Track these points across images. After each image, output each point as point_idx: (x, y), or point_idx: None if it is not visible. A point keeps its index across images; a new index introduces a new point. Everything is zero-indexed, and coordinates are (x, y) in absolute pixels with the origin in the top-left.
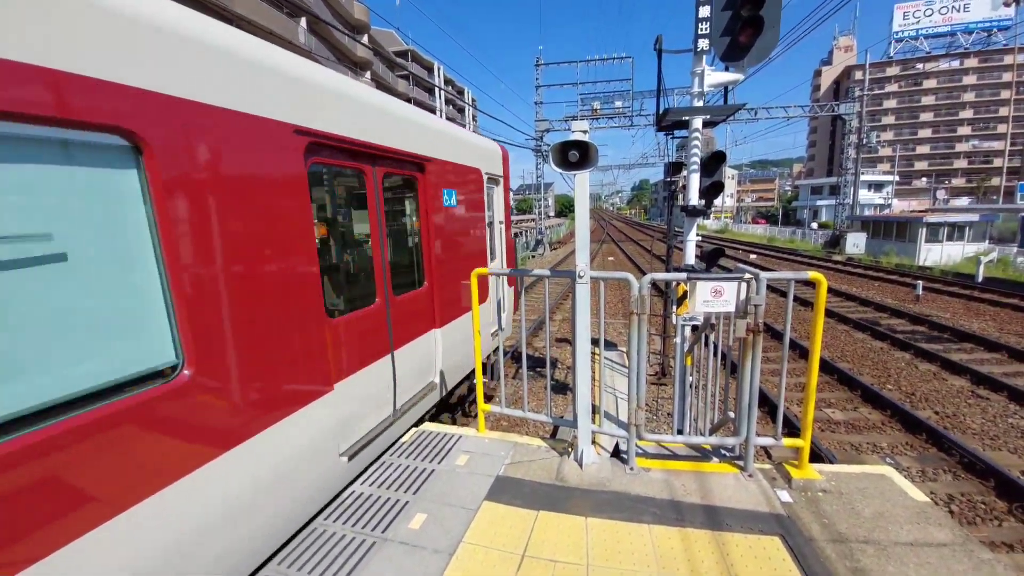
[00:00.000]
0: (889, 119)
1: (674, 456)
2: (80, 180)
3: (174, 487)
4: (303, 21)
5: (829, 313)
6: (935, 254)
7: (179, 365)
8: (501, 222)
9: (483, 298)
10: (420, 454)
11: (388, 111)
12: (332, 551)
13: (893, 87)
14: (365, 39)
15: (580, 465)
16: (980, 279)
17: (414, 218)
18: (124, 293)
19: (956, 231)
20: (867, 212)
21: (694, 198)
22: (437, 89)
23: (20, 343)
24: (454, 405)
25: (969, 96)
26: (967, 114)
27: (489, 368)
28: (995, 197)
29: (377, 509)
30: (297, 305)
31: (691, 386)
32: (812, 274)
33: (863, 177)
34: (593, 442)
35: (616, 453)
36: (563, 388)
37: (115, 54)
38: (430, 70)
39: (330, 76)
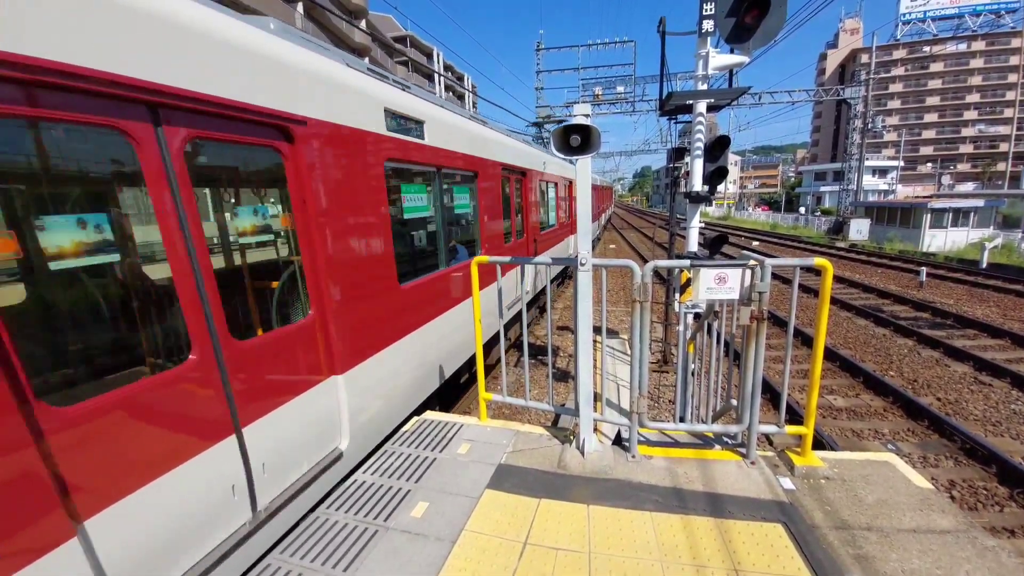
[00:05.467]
0: (895, 103)
1: (676, 444)
2: None
3: None
4: (299, 6)
5: (832, 300)
6: (939, 240)
7: None
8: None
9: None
10: (421, 443)
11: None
12: (334, 540)
13: (899, 71)
14: (363, 24)
15: (582, 453)
16: (984, 265)
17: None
18: None
19: (961, 217)
20: (871, 198)
21: (697, 184)
22: (437, 75)
23: None
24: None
25: (976, 80)
26: (973, 98)
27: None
28: (1000, 182)
29: (379, 498)
30: None
31: (693, 374)
32: (818, 260)
33: (868, 163)
34: (595, 430)
35: (618, 441)
36: (565, 376)
37: None
38: (429, 56)
39: None
